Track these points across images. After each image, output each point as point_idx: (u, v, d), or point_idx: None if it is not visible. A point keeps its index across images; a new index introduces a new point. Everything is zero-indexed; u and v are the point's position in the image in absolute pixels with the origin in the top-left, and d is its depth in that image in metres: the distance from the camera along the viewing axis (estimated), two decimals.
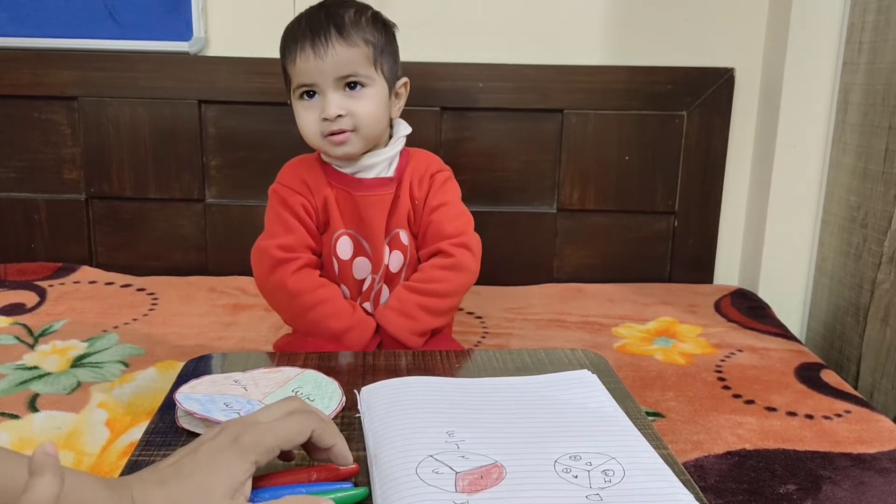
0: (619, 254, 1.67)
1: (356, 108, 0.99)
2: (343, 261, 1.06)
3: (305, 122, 1.01)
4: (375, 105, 1.01)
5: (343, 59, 0.98)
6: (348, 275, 1.07)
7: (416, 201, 1.07)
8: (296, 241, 1.04)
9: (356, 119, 0.99)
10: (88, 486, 0.51)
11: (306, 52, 0.98)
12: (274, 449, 0.55)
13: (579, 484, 0.58)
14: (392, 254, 1.08)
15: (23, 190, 1.65)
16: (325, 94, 0.99)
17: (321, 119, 0.99)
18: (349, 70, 0.98)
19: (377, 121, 1.02)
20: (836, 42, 1.46)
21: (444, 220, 1.07)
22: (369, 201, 1.04)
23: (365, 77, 0.99)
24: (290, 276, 1.03)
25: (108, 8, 1.57)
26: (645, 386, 1.15)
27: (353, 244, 1.06)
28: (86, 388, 1.11)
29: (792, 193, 1.54)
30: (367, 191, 1.04)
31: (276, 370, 0.80)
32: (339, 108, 0.98)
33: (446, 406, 0.71)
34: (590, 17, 1.60)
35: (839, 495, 0.86)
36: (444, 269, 1.06)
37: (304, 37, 0.99)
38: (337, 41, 0.97)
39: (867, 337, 1.36)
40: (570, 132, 1.61)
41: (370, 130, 1.01)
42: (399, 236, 1.08)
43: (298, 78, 1.00)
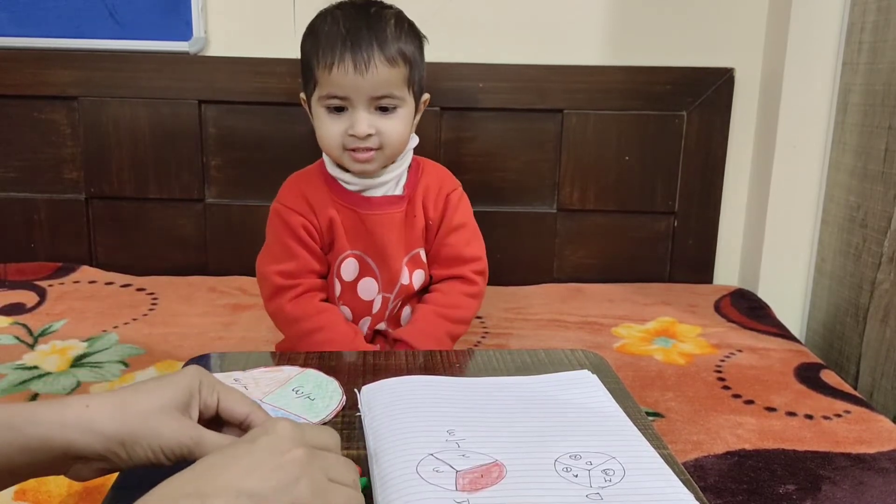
0: (618, 254, 1.67)
1: (385, 127, 0.96)
2: (346, 282, 1.04)
3: (328, 133, 0.98)
4: (404, 125, 0.98)
5: (383, 80, 0.94)
6: (352, 296, 1.05)
7: (430, 221, 1.05)
8: (297, 267, 1.02)
9: (383, 138, 0.97)
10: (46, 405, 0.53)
11: (346, 64, 0.93)
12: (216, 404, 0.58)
13: (580, 483, 0.58)
14: (414, 273, 1.06)
15: (23, 190, 1.65)
16: (355, 110, 0.95)
17: (347, 134, 0.96)
18: (386, 91, 0.95)
19: (403, 141, 1.00)
20: (836, 42, 1.46)
21: (461, 244, 1.06)
22: (379, 221, 1.02)
23: (399, 99, 0.97)
24: (289, 302, 1.01)
25: (108, 8, 1.57)
26: (645, 386, 1.15)
27: (360, 265, 1.04)
28: (85, 388, 1.11)
29: (792, 193, 1.54)
30: (377, 210, 1.02)
31: (277, 369, 0.80)
32: (370, 126, 0.95)
33: (446, 405, 0.71)
34: (590, 17, 1.60)
35: (839, 495, 0.86)
36: (469, 297, 1.07)
37: (344, 46, 0.93)
38: (380, 59, 0.93)
39: (867, 337, 1.36)
40: (570, 132, 1.61)
41: (395, 150, 0.99)
42: (420, 255, 1.06)
43: (331, 88, 0.95)
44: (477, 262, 1.08)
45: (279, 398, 0.73)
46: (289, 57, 1.58)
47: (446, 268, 1.07)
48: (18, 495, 0.84)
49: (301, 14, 1.59)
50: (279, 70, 1.57)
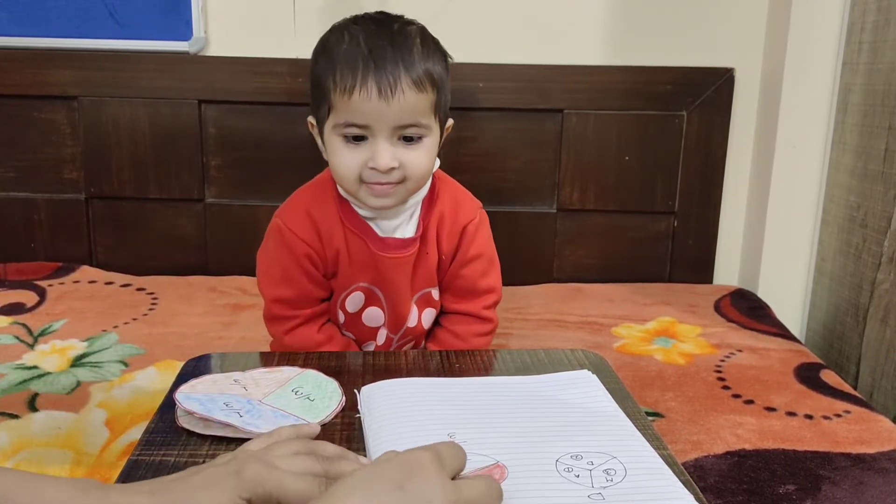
0: (618, 254, 1.67)
1: (409, 160, 0.86)
2: (351, 314, 0.98)
3: (344, 164, 0.87)
4: (429, 157, 0.89)
5: (410, 106, 0.84)
6: (357, 324, 0.99)
7: (443, 256, 0.97)
8: (296, 296, 0.95)
9: (407, 171, 0.87)
10: (54, 488, 0.50)
11: (368, 88, 0.82)
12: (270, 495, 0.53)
13: (581, 483, 0.58)
14: (423, 313, 1.00)
15: (23, 190, 1.65)
16: (376, 140, 0.85)
17: (367, 166, 0.86)
18: (412, 119, 0.85)
19: (427, 173, 0.91)
20: (836, 42, 1.46)
21: (475, 276, 0.99)
22: (391, 263, 0.94)
23: (425, 127, 0.87)
24: (286, 335, 0.97)
25: (109, 8, 1.57)
26: (645, 386, 1.15)
27: (366, 296, 0.97)
28: (85, 387, 1.11)
29: (792, 193, 1.54)
30: (389, 252, 0.93)
31: (276, 370, 0.80)
32: (393, 159, 0.85)
33: (447, 406, 0.71)
34: (590, 17, 1.60)
35: (838, 495, 0.86)
36: (482, 336, 1.02)
37: (367, 67, 0.83)
38: (406, 83, 0.83)
39: (867, 337, 1.36)
40: (570, 132, 1.61)
41: (418, 185, 0.90)
42: (431, 295, 1.00)
43: (350, 115, 0.84)
44: (491, 295, 1.01)
45: (279, 399, 0.73)
46: (289, 57, 1.58)
47: (458, 299, 1.01)
48: None
49: (301, 14, 1.59)
50: (279, 70, 1.57)
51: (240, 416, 0.68)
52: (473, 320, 1.02)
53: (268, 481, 0.53)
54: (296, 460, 0.58)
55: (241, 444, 0.62)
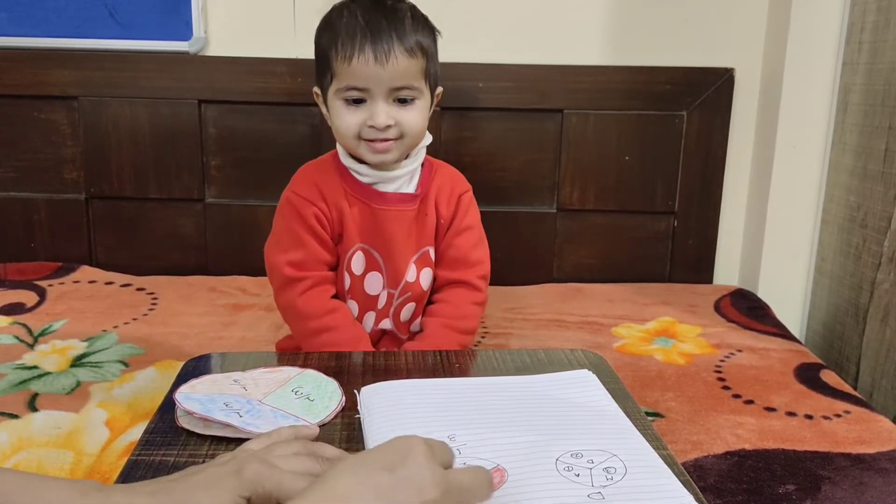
0: (618, 254, 1.67)
1: (404, 118, 0.97)
2: (356, 276, 1.04)
3: (346, 124, 0.98)
4: (422, 117, 0.99)
5: (402, 70, 0.95)
6: (359, 290, 1.05)
7: (441, 220, 1.06)
8: (307, 257, 1.02)
9: (402, 129, 0.97)
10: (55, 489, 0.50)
11: (366, 54, 0.94)
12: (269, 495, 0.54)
13: (581, 482, 0.58)
14: (422, 272, 1.06)
15: (23, 190, 1.65)
16: (374, 102, 0.96)
17: (366, 125, 0.96)
18: (404, 82, 0.96)
19: (421, 132, 1.01)
20: (836, 42, 1.46)
21: (468, 247, 1.07)
22: (390, 216, 1.02)
23: (417, 90, 0.98)
24: (300, 296, 1.02)
25: (109, 8, 1.57)
26: (644, 386, 1.15)
27: (366, 259, 1.04)
28: (85, 387, 1.11)
29: (792, 193, 1.54)
30: (389, 206, 1.02)
31: (276, 370, 0.80)
32: (389, 117, 0.96)
33: (446, 408, 0.71)
34: (590, 17, 1.60)
35: (838, 495, 0.86)
36: (476, 305, 1.08)
37: (364, 38, 0.94)
38: (399, 51, 0.94)
39: (867, 337, 1.36)
40: (570, 132, 1.61)
41: (413, 141, 1.00)
42: (429, 254, 1.07)
43: (350, 80, 0.96)
44: (481, 266, 1.09)
45: (279, 399, 0.73)
46: (289, 57, 1.58)
47: (451, 269, 1.07)
48: None
49: (301, 14, 1.59)
50: (279, 70, 1.57)
51: (240, 417, 0.68)
52: (467, 289, 1.08)
53: (268, 481, 0.54)
54: (295, 460, 0.58)
55: (240, 445, 0.62)
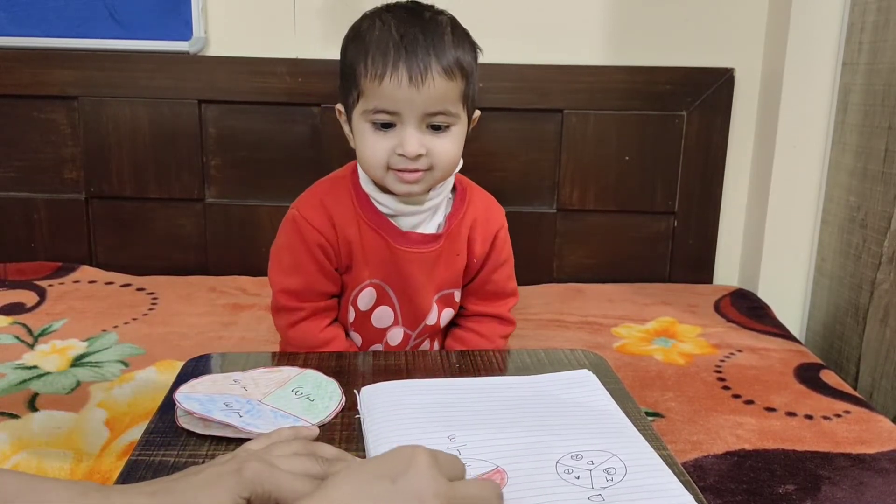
0: (618, 254, 1.67)
1: (437, 148, 0.87)
2: (362, 312, 0.97)
3: (373, 151, 0.87)
4: (457, 146, 0.89)
5: (440, 94, 0.84)
6: (365, 323, 0.98)
7: (474, 260, 0.97)
8: (305, 287, 0.94)
9: (434, 159, 0.87)
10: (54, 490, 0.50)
11: (399, 74, 0.83)
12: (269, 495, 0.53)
13: (581, 485, 0.58)
14: (444, 311, 1.00)
15: (23, 190, 1.65)
16: (405, 127, 0.85)
17: (395, 153, 0.86)
18: (440, 107, 0.85)
19: (454, 162, 0.91)
20: (836, 42, 1.46)
21: (502, 281, 1.01)
22: (409, 258, 0.93)
23: (454, 116, 0.87)
24: (290, 328, 0.96)
25: (108, 8, 1.57)
26: (644, 386, 1.15)
27: (377, 293, 0.96)
28: (85, 387, 1.11)
29: (792, 193, 1.54)
30: (409, 246, 0.93)
31: (276, 370, 0.80)
32: (421, 146, 0.85)
33: (446, 408, 0.71)
34: (590, 17, 1.60)
35: (838, 495, 0.86)
36: (506, 338, 1.03)
37: (398, 54, 0.83)
38: (436, 71, 0.83)
39: (867, 337, 1.36)
40: (570, 132, 1.61)
41: (445, 173, 0.90)
42: (453, 296, 0.99)
43: (380, 101, 0.85)
44: (514, 298, 1.03)
45: (278, 399, 0.73)
46: (289, 57, 1.58)
47: (485, 302, 1.01)
48: None
49: (301, 14, 1.59)
50: (279, 70, 1.57)
51: (239, 417, 0.68)
52: (499, 322, 1.03)
53: (267, 480, 0.54)
54: (295, 461, 0.58)
55: (240, 444, 0.62)
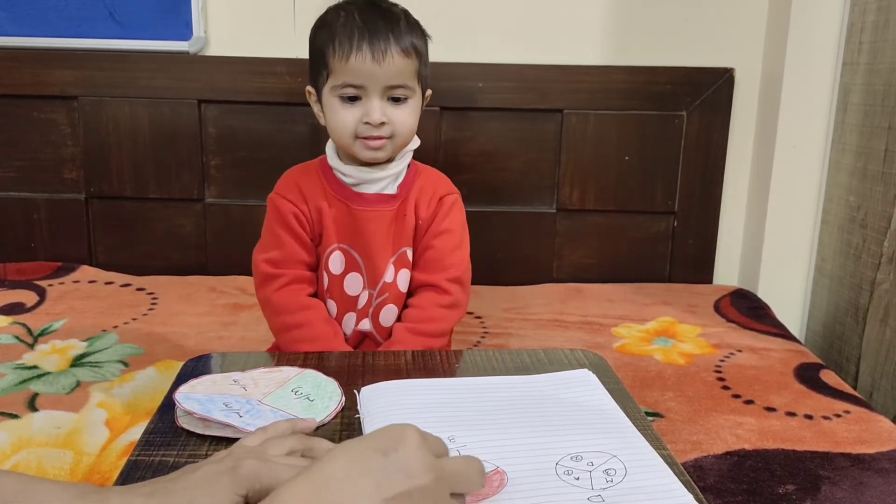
0: (618, 254, 1.67)
1: (397, 117, 0.99)
2: (334, 275, 1.05)
3: (342, 120, 0.99)
4: (413, 116, 1.01)
5: (398, 69, 0.97)
6: (338, 290, 1.05)
7: (420, 221, 1.06)
8: (284, 256, 1.03)
9: (395, 127, 0.99)
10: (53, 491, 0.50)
11: (363, 52, 0.95)
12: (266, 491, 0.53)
13: (581, 486, 0.58)
14: (399, 272, 1.06)
15: (23, 190, 1.65)
16: (369, 99, 0.98)
17: (362, 122, 0.98)
18: (400, 80, 0.98)
19: (411, 132, 1.02)
20: (836, 42, 1.46)
21: (444, 249, 1.06)
22: (368, 217, 1.03)
23: (410, 89, 0.99)
24: (275, 293, 1.03)
25: (108, 8, 1.57)
26: (644, 386, 1.15)
27: (346, 259, 1.05)
28: (85, 387, 1.11)
29: (792, 193, 1.54)
30: (367, 206, 1.03)
31: (276, 370, 0.80)
32: (383, 115, 0.97)
33: (446, 408, 0.71)
34: (590, 17, 1.60)
35: (838, 495, 0.86)
36: (443, 308, 1.06)
37: (362, 37, 0.96)
38: (395, 49, 0.96)
39: (866, 337, 1.36)
40: (570, 132, 1.61)
41: (404, 140, 1.01)
42: (406, 255, 1.07)
43: (347, 77, 0.97)
44: (454, 269, 1.07)
45: (278, 399, 0.73)
46: (289, 57, 1.58)
47: (425, 271, 1.07)
48: None
49: (301, 14, 1.59)
50: (279, 70, 1.57)
51: (239, 417, 0.68)
52: (435, 292, 1.06)
53: (264, 477, 0.54)
54: (292, 459, 0.58)
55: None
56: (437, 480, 0.50)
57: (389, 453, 0.49)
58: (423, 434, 0.52)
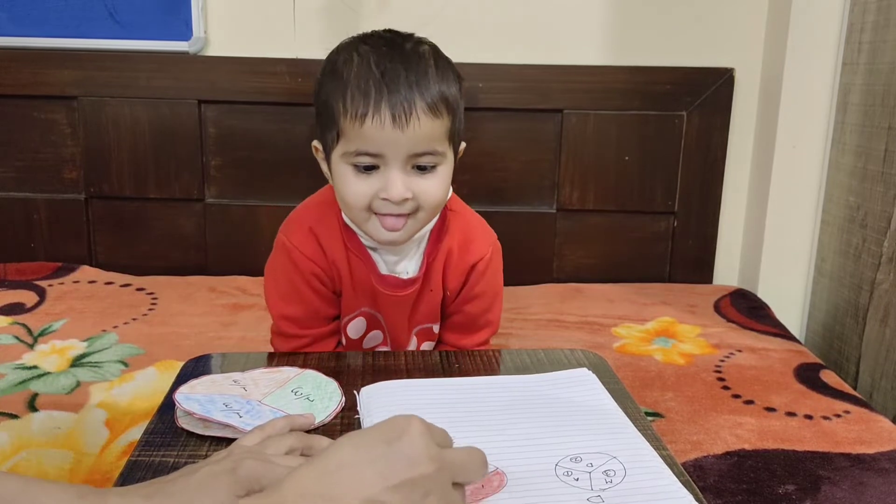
0: (618, 254, 1.67)
1: (423, 189, 0.81)
2: (352, 340, 0.96)
3: (354, 195, 0.82)
4: (444, 186, 0.84)
5: (425, 134, 0.79)
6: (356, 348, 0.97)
7: (448, 293, 0.94)
8: (306, 314, 0.92)
9: (420, 201, 0.82)
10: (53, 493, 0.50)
11: (381, 115, 0.77)
12: None
13: (580, 486, 0.58)
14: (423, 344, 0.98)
15: (23, 190, 1.65)
16: (389, 169, 0.80)
17: (379, 197, 0.81)
18: (427, 147, 0.80)
19: (441, 203, 0.85)
20: (836, 42, 1.46)
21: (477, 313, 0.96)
22: (390, 301, 0.91)
23: (440, 155, 0.82)
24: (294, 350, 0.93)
25: (108, 8, 1.57)
26: (644, 386, 1.15)
27: (367, 321, 0.95)
28: (85, 387, 1.11)
29: (791, 193, 1.54)
30: (388, 289, 0.90)
31: (276, 370, 0.80)
32: (407, 189, 0.80)
33: (446, 408, 0.71)
34: (590, 17, 1.60)
35: (838, 495, 0.86)
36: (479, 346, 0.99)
37: (379, 93, 0.78)
38: (422, 109, 0.78)
39: (866, 337, 1.36)
40: (570, 132, 1.61)
41: (430, 215, 0.85)
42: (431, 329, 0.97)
43: (361, 144, 0.79)
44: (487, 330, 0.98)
45: (278, 399, 0.73)
46: (289, 57, 1.58)
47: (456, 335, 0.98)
48: None
49: (301, 14, 1.59)
50: (279, 70, 1.57)
51: (239, 417, 0.68)
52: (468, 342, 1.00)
53: (263, 477, 0.54)
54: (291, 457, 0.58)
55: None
56: (440, 470, 0.50)
57: (393, 442, 0.50)
58: (428, 425, 0.53)
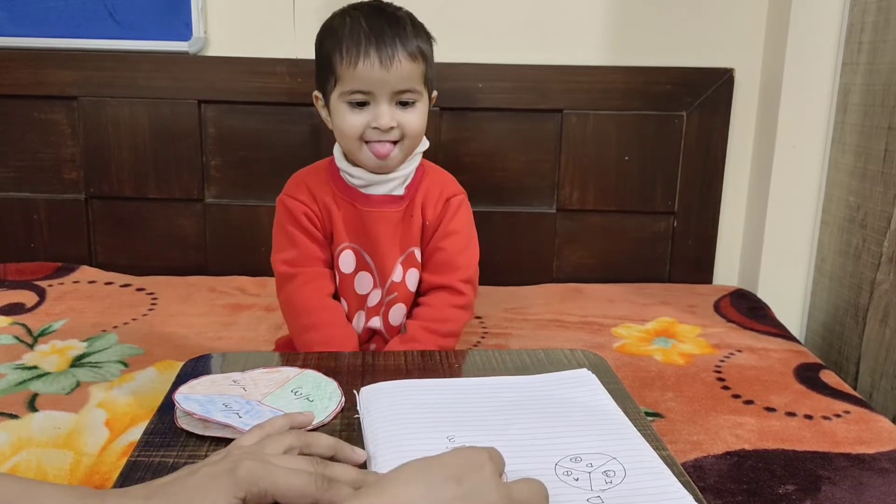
0: (618, 254, 1.67)
1: (406, 120, 0.99)
2: (345, 274, 1.06)
3: (350, 125, 0.99)
4: (422, 119, 1.02)
5: (405, 74, 0.97)
6: (349, 289, 1.07)
7: (427, 222, 1.07)
8: (300, 254, 1.04)
9: (404, 130, 0.99)
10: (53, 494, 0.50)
11: (371, 58, 0.96)
12: (265, 493, 0.54)
13: (580, 487, 0.58)
14: (408, 272, 1.07)
15: (23, 190, 1.65)
16: (378, 104, 0.98)
17: (370, 126, 0.98)
18: (407, 85, 0.98)
19: (421, 133, 1.03)
20: (836, 42, 1.46)
21: (454, 250, 1.07)
22: (375, 217, 1.04)
23: (418, 93, 1.00)
24: (295, 292, 1.04)
25: (108, 8, 1.57)
26: (644, 386, 1.15)
27: (356, 258, 1.06)
28: (85, 387, 1.11)
29: (791, 193, 1.54)
30: (374, 207, 1.04)
31: (276, 370, 0.80)
32: (392, 119, 0.98)
33: (446, 408, 0.71)
34: (590, 17, 1.60)
35: (838, 496, 0.86)
36: (456, 308, 1.07)
37: (369, 42, 0.97)
38: (402, 55, 0.97)
39: (866, 337, 1.36)
40: (570, 132, 1.61)
41: (414, 143, 1.02)
42: (414, 254, 1.08)
43: (355, 83, 0.98)
44: (465, 270, 1.08)
45: (278, 399, 0.73)
46: (288, 57, 1.58)
47: (436, 273, 1.08)
48: None
49: (301, 14, 1.59)
50: (279, 70, 1.57)
51: (239, 417, 0.68)
52: (448, 292, 1.07)
53: (262, 479, 0.54)
54: (289, 457, 0.58)
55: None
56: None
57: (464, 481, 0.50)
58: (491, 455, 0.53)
